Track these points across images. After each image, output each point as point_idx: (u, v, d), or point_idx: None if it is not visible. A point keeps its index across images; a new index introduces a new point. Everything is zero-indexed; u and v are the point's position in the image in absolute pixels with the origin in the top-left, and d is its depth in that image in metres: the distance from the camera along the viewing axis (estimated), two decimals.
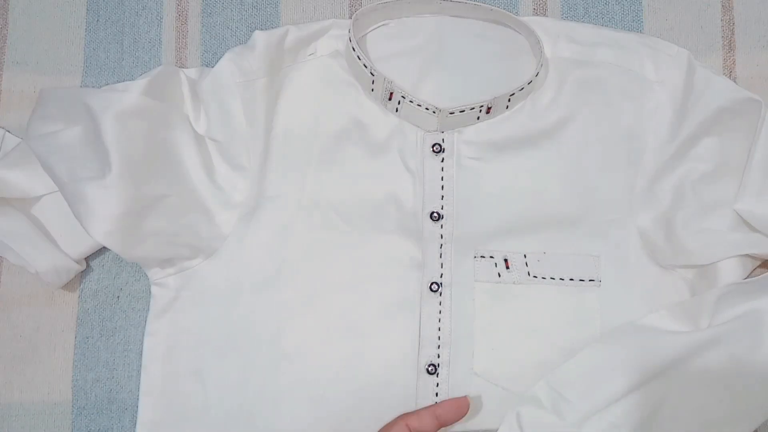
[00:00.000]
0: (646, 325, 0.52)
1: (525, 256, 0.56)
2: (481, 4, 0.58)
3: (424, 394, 0.54)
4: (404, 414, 0.50)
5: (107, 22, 0.63)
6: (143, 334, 0.57)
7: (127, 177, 0.52)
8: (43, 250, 0.55)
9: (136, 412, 0.56)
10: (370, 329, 0.55)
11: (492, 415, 0.53)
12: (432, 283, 0.55)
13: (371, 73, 0.56)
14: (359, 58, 0.57)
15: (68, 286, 0.59)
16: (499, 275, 0.55)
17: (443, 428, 0.51)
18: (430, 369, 0.54)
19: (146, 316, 0.57)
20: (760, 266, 0.55)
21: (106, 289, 0.60)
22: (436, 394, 0.54)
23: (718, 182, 0.55)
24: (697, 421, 0.49)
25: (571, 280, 0.55)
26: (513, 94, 0.56)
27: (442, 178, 0.57)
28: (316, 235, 0.57)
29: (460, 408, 0.50)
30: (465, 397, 0.51)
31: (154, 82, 0.56)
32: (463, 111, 0.56)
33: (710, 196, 0.55)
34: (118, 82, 0.60)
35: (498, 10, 0.58)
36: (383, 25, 0.60)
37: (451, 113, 0.56)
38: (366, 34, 0.60)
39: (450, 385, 0.54)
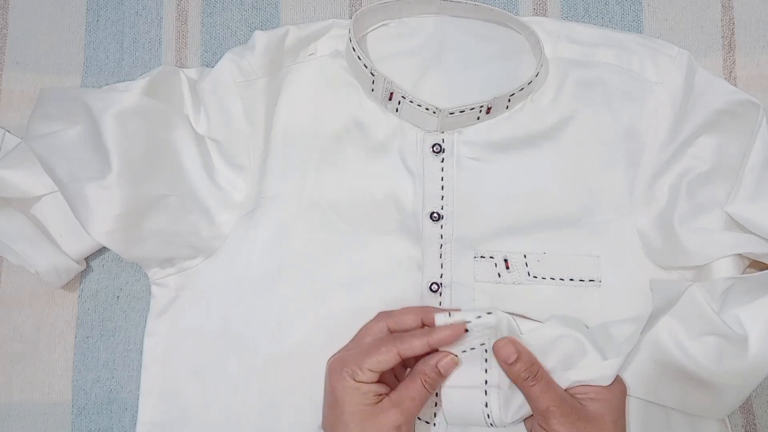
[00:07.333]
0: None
1: (525, 256, 0.56)
2: (481, 4, 0.58)
3: None
4: (383, 313, 0.51)
5: (107, 22, 0.63)
6: (143, 334, 0.57)
7: (127, 177, 0.51)
8: (43, 250, 0.55)
9: (136, 412, 0.56)
10: None
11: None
12: (432, 284, 0.55)
13: (371, 73, 0.56)
14: (359, 58, 0.56)
15: (68, 286, 0.59)
16: (499, 276, 0.55)
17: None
18: None
19: (146, 316, 0.57)
20: (749, 266, 0.55)
21: (106, 289, 0.60)
22: (436, 394, 0.54)
23: (713, 183, 0.55)
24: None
25: (571, 280, 0.55)
26: (513, 94, 0.56)
27: (441, 179, 0.57)
28: (315, 235, 0.57)
29: (454, 335, 0.48)
30: (462, 325, 0.48)
31: (154, 82, 0.56)
32: (463, 111, 0.56)
33: (705, 196, 0.55)
34: (118, 82, 0.60)
35: (498, 10, 0.58)
36: (383, 25, 0.60)
37: (451, 113, 0.56)
38: (366, 34, 0.60)
39: None
